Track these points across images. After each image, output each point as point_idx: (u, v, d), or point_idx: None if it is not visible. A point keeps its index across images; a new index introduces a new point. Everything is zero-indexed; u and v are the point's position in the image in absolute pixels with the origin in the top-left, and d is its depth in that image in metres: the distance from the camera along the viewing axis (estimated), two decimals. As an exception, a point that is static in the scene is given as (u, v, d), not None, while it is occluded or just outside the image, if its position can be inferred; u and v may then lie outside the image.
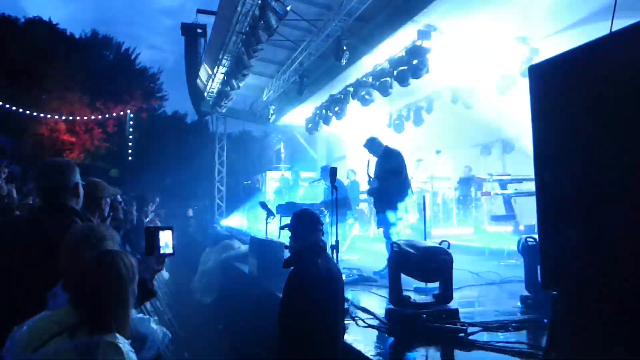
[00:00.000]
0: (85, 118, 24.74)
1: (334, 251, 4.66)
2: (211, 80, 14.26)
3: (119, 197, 4.08)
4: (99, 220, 3.09)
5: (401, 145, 7.22)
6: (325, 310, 3.00)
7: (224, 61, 12.15)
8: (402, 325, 3.73)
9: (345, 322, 4.03)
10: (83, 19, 42.56)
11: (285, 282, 3.23)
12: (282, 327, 3.13)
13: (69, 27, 34.04)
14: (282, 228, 3.67)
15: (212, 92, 15.03)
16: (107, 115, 25.45)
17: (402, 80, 8.52)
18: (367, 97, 9.90)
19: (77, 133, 26.09)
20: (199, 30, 16.86)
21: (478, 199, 11.20)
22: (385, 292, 4.78)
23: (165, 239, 2.57)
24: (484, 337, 3.59)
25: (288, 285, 3.16)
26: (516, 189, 8.88)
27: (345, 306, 4.34)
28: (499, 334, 3.68)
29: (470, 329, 3.64)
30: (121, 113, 25.16)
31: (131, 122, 24.26)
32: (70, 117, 24.24)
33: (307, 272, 3.07)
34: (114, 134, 26.86)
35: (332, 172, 5.14)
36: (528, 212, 9.09)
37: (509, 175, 9.54)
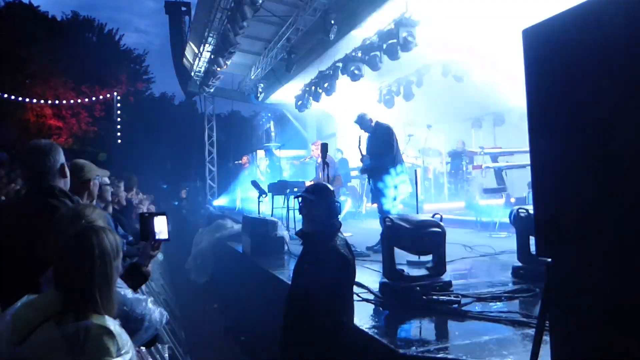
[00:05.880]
0: (72, 102, 24.38)
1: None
2: (197, 59, 14.06)
3: (106, 179, 4.03)
4: (88, 202, 3.05)
5: (392, 120, 7.18)
6: (338, 297, 2.96)
7: (209, 39, 11.98)
8: (397, 298, 3.75)
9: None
10: (64, 3, 41.62)
11: (298, 265, 3.19)
12: (292, 310, 3.08)
13: (50, 10, 33.23)
14: (297, 197, 3.47)
15: (199, 72, 14.84)
16: (93, 99, 25.10)
17: (392, 54, 8.43)
18: (356, 72, 9.80)
19: (63, 118, 25.77)
20: (183, 9, 16.57)
21: (469, 173, 11.24)
22: (378, 267, 4.81)
23: (160, 225, 2.56)
24: (477, 307, 3.62)
25: (302, 270, 3.10)
26: (507, 162, 8.92)
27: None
28: (492, 304, 3.72)
29: (464, 300, 3.67)
30: (108, 96, 24.82)
31: (118, 105, 23.96)
32: (57, 102, 23.89)
33: (323, 260, 2.96)
34: (101, 118, 26.55)
35: (323, 148, 5.11)
36: (519, 184, 9.16)
37: (500, 148, 9.57)
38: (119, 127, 23.73)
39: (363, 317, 3.49)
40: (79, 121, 26.33)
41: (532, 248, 4.50)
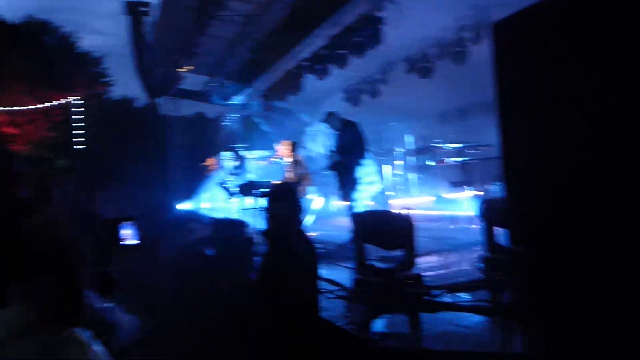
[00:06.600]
0: (28, 107, 23.57)
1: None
2: (160, 60, 13.80)
3: (68, 186, 3.93)
4: (51, 209, 2.97)
5: (359, 118, 7.23)
6: (302, 294, 2.97)
7: (172, 39, 11.76)
8: (370, 293, 3.79)
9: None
10: (19, 7, 40.06)
11: (263, 264, 3.19)
12: (258, 308, 3.07)
13: (3, 14, 31.93)
14: (259, 197, 3.51)
15: (162, 74, 14.56)
16: (50, 104, 24.30)
17: (358, 51, 8.47)
18: (322, 70, 9.82)
19: (19, 124, 24.88)
20: (143, 9, 16.15)
21: (436, 167, 11.40)
22: (349, 263, 4.83)
23: (127, 230, 2.51)
24: (447, 298, 3.69)
25: (266, 269, 3.12)
26: (471, 156, 9.08)
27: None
28: (462, 294, 3.80)
29: (435, 292, 3.74)
30: (66, 101, 24.06)
31: (77, 110, 23.26)
32: (11, 108, 23.06)
33: (286, 258, 2.98)
34: (60, 123, 25.73)
35: (292, 147, 5.11)
36: (484, 177, 9.35)
37: (464, 142, 9.74)
38: (79, 132, 23.04)
39: (338, 313, 3.53)
40: (37, 127, 25.49)
41: (499, 239, 4.61)
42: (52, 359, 1.47)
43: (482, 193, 8.23)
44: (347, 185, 6.54)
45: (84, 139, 23.05)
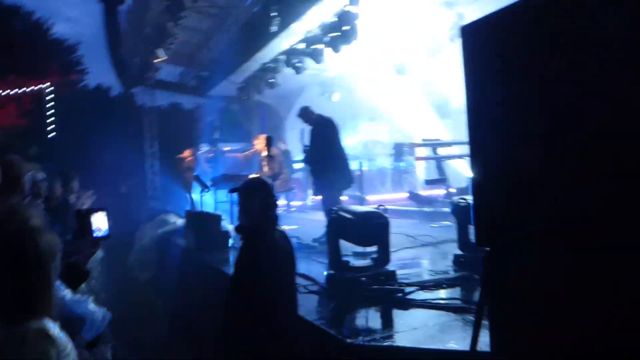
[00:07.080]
0: (-4, 93, 22.87)
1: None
2: (135, 50, 13.56)
3: (40, 175, 3.82)
4: (20, 199, 2.89)
5: (335, 113, 7.23)
6: (279, 289, 2.96)
7: (147, 29, 11.56)
8: (343, 289, 3.81)
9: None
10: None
11: (238, 259, 3.14)
12: (233, 305, 3.04)
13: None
14: (231, 191, 3.49)
15: (137, 64, 14.31)
16: (22, 91, 23.64)
17: (335, 47, 8.47)
18: (299, 64, 9.79)
19: (-12, 110, 24.17)
20: (118, -3, 15.79)
21: (412, 164, 11.51)
22: (324, 259, 4.85)
23: (99, 221, 2.47)
24: (420, 295, 3.73)
25: (241, 264, 3.07)
26: (447, 153, 9.18)
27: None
28: (434, 292, 3.84)
29: (407, 289, 3.78)
30: (38, 87, 23.43)
31: (50, 97, 22.69)
32: (-21, 93, 22.39)
33: (261, 253, 2.93)
34: (31, 111, 25.09)
35: (268, 141, 5.08)
36: (459, 174, 9.47)
37: (440, 139, 9.83)
38: (51, 119, 22.47)
39: (310, 308, 3.53)
40: (7, 114, 24.80)
41: (472, 237, 4.68)
42: (17, 350, 1.44)
43: (455, 190, 8.33)
44: (322, 180, 6.54)
45: (56, 127, 22.53)
